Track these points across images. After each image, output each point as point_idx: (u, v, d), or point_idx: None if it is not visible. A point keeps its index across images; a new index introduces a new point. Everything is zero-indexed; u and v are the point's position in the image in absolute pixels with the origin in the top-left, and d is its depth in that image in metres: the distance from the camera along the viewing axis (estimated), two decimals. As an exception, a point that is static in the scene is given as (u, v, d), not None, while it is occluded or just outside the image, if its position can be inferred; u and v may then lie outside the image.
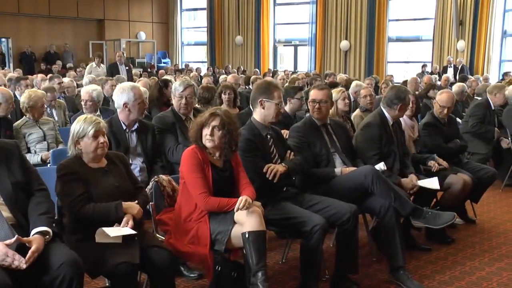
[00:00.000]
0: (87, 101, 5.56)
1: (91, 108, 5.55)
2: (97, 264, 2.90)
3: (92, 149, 3.18)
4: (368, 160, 4.32)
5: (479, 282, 3.99)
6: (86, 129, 3.17)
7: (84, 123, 3.20)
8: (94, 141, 3.17)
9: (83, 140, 3.18)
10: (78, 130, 3.19)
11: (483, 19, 16.37)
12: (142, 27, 23.13)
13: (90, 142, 3.17)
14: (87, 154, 3.20)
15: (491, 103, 6.88)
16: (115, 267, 2.81)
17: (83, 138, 3.17)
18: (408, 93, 4.67)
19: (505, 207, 6.08)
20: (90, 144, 3.17)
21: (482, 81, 11.36)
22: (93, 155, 3.20)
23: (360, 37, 19.02)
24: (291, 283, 3.88)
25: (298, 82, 9.43)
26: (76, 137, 3.19)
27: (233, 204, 3.24)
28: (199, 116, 3.48)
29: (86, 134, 3.17)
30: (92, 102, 5.55)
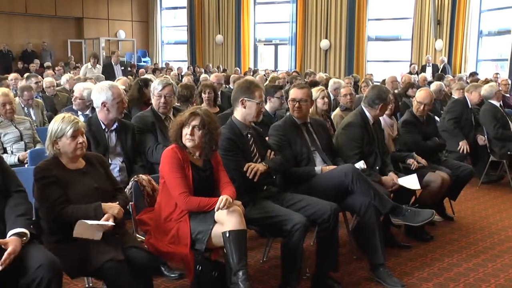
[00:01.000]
0: (77, 98, 5.51)
1: (80, 106, 5.51)
2: (80, 264, 2.88)
3: (71, 149, 3.14)
4: (350, 159, 4.34)
5: (457, 278, 4.04)
6: (64, 128, 3.13)
7: (62, 122, 3.16)
8: (73, 141, 3.14)
9: (61, 140, 3.14)
10: (56, 130, 3.15)
11: (460, 19, 16.58)
12: (122, 26, 22.95)
13: (69, 142, 3.13)
14: (65, 154, 3.17)
15: (468, 101, 6.97)
16: (102, 266, 2.79)
17: (61, 138, 3.14)
18: (389, 93, 4.71)
19: (482, 204, 6.17)
20: (69, 144, 3.13)
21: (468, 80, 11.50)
22: (72, 155, 3.17)
23: (340, 36, 19.12)
24: (272, 282, 3.88)
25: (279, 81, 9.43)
26: (54, 137, 3.15)
27: (213, 203, 3.24)
28: (179, 116, 3.46)
29: (64, 134, 3.13)
30: (82, 100, 5.49)
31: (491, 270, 4.20)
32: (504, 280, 4.00)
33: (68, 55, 20.45)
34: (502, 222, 5.45)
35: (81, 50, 21.75)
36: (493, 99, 7.05)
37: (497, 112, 6.91)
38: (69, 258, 2.86)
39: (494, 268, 4.23)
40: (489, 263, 4.33)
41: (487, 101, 7.07)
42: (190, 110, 3.45)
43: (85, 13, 21.71)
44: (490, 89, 7.12)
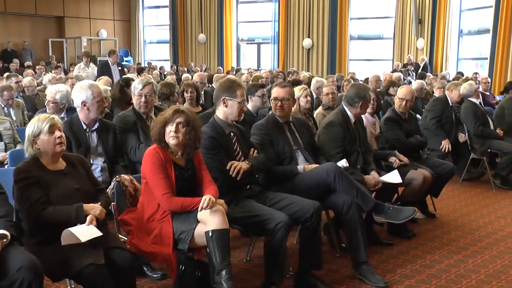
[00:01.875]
0: (50, 102, 5.35)
1: (54, 109, 5.33)
2: (60, 267, 2.85)
3: (50, 145, 3.11)
4: (332, 158, 4.35)
5: (439, 274, 4.08)
6: (40, 126, 3.11)
7: (38, 121, 3.14)
8: (51, 136, 3.11)
9: (40, 138, 3.11)
10: (33, 130, 3.12)
11: (441, 18, 16.73)
12: (104, 25, 22.78)
13: (47, 138, 3.10)
14: (46, 153, 3.13)
15: (449, 99, 7.04)
16: (81, 270, 2.76)
17: (39, 136, 3.11)
18: (368, 91, 4.73)
19: (463, 201, 6.24)
20: (48, 140, 3.11)
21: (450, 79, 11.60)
22: (52, 152, 3.14)
23: (322, 35, 19.20)
24: (256, 281, 3.88)
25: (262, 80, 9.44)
26: (32, 137, 3.11)
27: (196, 203, 3.24)
28: (161, 114, 3.44)
29: (41, 130, 3.10)
30: (55, 104, 5.30)
31: (472, 266, 4.25)
32: (484, 276, 4.05)
33: (49, 54, 20.23)
34: (482, 219, 5.51)
35: (62, 49, 21.53)
36: (473, 97, 7.14)
37: (477, 110, 6.99)
38: (50, 260, 2.83)
39: (475, 264, 4.28)
40: (470, 259, 4.38)
41: (467, 99, 7.14)
42: (173, 108, 3.43)
43: (66, 12, 21.49)
44: (470, 87, 7.20)
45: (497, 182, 6.84)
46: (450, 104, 7.02)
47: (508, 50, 14.85)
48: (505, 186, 6.79)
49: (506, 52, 14.87)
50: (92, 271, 2.77)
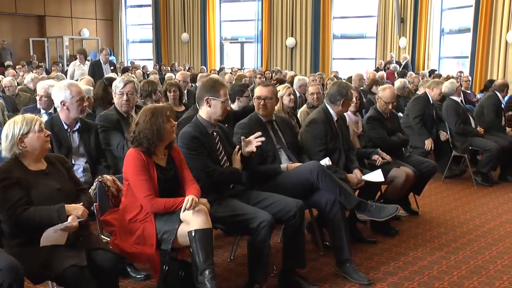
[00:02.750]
0: (43, 97, 5.27)
1: (45, 104, 5.26)
2: (42, 269, 2.82)
3: (40, 142, 3.10)
4: (314, 156, 4.37)
5: (421, 271, 4.11)
6: (30, 124, 3.08)
7: (25, 120, 3.10)
8: (41, 133, 3.10)
9: (28, 136, 3.07)
10: (21, 128, 3.08)
11: (423, 17, 16.87)
12: (86, 24, 22.59)
13: (38, 135, 3.08)
14: (32, 151, 3.10)
15: (429, 98, 7.10)
16: (63, 272, 2.74)
17: (27, 134, 3.07)
18: (349, 88, 4.75)
19: (445, 198, 6.30)
20: (38, 138, 3.09)
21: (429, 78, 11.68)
22: (39, 150, 3.12)
23: (305, 34, 19.25)
24: (239, 280, 3.88)
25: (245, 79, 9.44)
26: (20, 135, 3.07)
27: (179, 203, 3.23)
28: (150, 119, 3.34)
29: (31, 129, 3.07)
30: (48, 98, 5.23)
31: (454, 262, 4.29)
32: (465, 272, 4.09)
33: (30, 54, 20.01)
34: (464, 216, 5.57)
35: (43, 49, 21.32)
36: (454, 95, 7.21)
37: (458, 108, 7.06)
38: (31, 262, 2.80)
39: (457, 260, 4.32)
40: (452, 256, 4.42)
41: (448, 97, 7.21)
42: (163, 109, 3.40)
43: (47, 11, 21.26)
44: (451, 86, 7.27)
45: (478, 179, 6.91)
46: (431, 102, 7.08)
47: (488, 49, 15.05)
48: (486, 183, 6.87)
49: (486, 51, 15.06)
50: (74, 272, 2.75)
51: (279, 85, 5.99)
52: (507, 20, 14.54)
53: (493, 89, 7.74)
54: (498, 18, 14.71)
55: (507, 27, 14.56)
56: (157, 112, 3.33)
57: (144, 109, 3.40)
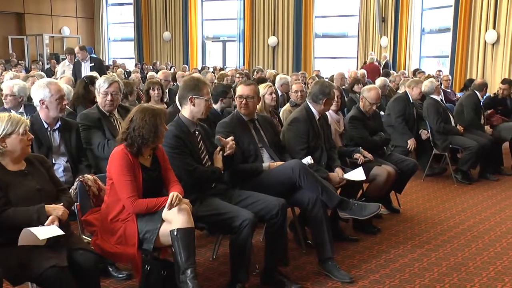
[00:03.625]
0: (8, 95, 5.20)
1: (12, 103, 5.19)
2: (21, 270, 2.78)
3: (22, 145, 3.06)
4: (296, 155, 4.38)
5: (402, 268, 4.15)
6: (15, 126, 3.04)
7: (10, 120, 3.06)
8: (24, 136, 3.06)
9: (11, 137, 3.03)
10: (5, 128, 3.03)
11: (404, 16, 17.01)
12: (66, 22, 22.33)
13: (21, 138, 3.05)
14: (12, 152, 3.06)
15: (409, 97, 7.14)
16: (43, 272, 2.70)
17: (10, 135, 3.03)
18: (332, 87, 4.77)
19: (426, 196, 6.36)
20: (21, 140, 3.05)
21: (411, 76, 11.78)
22: (20, 153, 3.08)
23: (287, 33, 19.29)
24: (222, 279, 3.88)
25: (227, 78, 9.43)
26: (2, 135, 3.03)
27: (161, 203, 3.23)
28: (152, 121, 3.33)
29: (15, 130, 3.03)
30: (13, 97, 5.17)
31: (434, 259, 4.34)
32: (446, 269, 4.14)
33: (9, 52, 19.74)
34: (444, 213, 5.63)
35: (23, 47, 21.05)
36: (434, 94, 7.27)
37: (439, 107, 7.13)
38: (10, 263, 2.76)
39: (437, 257, 4.37)
40: (432, 253, 4.47)
41: (429, 96, 7.27)
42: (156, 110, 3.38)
43: (26, 8, 20.96)
44: (431, 85, 7.34)
45: (458, 177, 6.99)
46: (411, 101, 7.13)
47: (467, 48, 15.24)
48: (466, 181, 6.95)
49: (465, 50, 15.25)
50: (55, 273, 2.71)
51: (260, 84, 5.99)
52: (485, 20, 14.74)
53: (472, 88, 7.84)
54: (477, 18, 14.91)
55: (486, 27, 14.76)
56: (157, 113, 3.34)
57: (143, 108, 3.38)
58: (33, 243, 2.85)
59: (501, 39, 14.53)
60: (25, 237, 2.86)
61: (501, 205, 5.97)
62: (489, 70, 14.90)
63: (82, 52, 9.87)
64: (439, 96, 7.36)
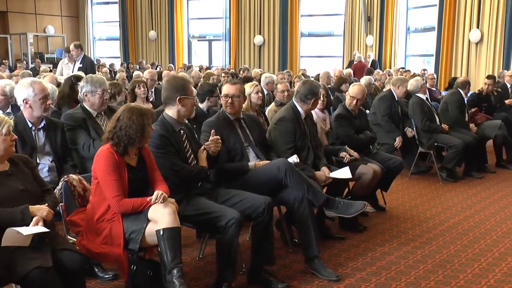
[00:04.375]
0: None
1: (2, 103, 5.16)
2: (5, 271, 2.75)
3: (5, 146, 3.04)
4: (283, 154, 4.39)
5: (388, 266, 4.17)
6: None
7: None
8: (7, 137, 3.04)
9: None
10: None
11: (389, 15, 17.11)
12: (51, 21, 22.15)
13: (4, 139, 3.03)
14: None
15: (395, 95, 7.18)
16: (28, 274, 2.67)
17: None
18: (320, 87, 4.80)
19: (412, 194, 6.40)
20: (4, 141, 3.03)
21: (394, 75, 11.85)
22: (3, 153, 3.06)
23: (273, 32, 19.31)
24: (208, 278, 3.87)
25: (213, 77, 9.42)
26: None
27: (147, 203, 3.22)
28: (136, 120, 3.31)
29: None
30: (4, 97, 5.12)
31: (420, 256, 4.36)
32: (431, 266, 4.17)
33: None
34: (430, 211, 5.67)
35: (6, 46, 20.83)
36: (420, 93, 7.31)
37: (424, 105, 7.17)
38: (-5, 264, 2.73)
39: (423, 255, 4.40)
40: (418, 250, 4.50)
41: (414, 95, 7.32)
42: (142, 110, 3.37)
43: (9, 6, 20.75)
44: (416, 83, 7.37)
45: (443, 175, 7.04)
46: (396, 100, 7.17)
47: (452, 47, 15.38)
48: (451, 179, 7.00)
49: (450, 49, 15.39)
50: (39, 274, 2.69)
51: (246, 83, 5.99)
52: (469, 19, 14.89)
53: (456, 87, 7.89)
54: (461, 17, 15.06)
55: (470, 26, 14.91)
56: (144, 113, 3.33)
57: (130, 108, 3.36)
58: (18, 243, 2.82)
59: (485, 38, 14.69)
60: (9, 238, 2.83)
61: (485, 202, 6.03)
62: (473, 69, 15.05)
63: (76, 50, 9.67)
64: (424, 94, 7.40)
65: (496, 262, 4.26)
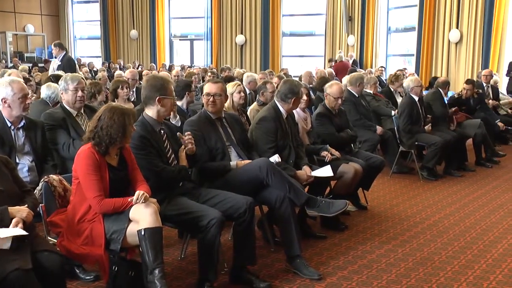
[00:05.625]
0: None
1: None
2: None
3: None
4: (264, 153, 4.39)
5: (370, 264, 4.20)
6: None
7: None
8: None
9: None
10: None
11: (370, 15, 17.24)
12: (30, 20, 21.89)
13: None
14: None
15: (353, 93, 7.17)
16: (6, 276, 2.63)
17: None
18: (300, 87, 4.81)
19: (393, 192, 6.45)
20: None
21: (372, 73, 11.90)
22: None
23: (255, 31, 19.33)
24: (191, 278, 3.86)
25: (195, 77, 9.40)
26: None
27: (129, 202, 3.20)
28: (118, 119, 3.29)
29: None
30: None
31: (401, 255, 4.40)
32: (412, 264, 4.21)
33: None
34: (411, 209, 5.72)
35: (-14, 44, 20.59)
36: (412, 93, 7.27)
37: (414, 107, 7.09)
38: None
39: (404, 253, 4.44)
40: (399, 248, 4.53)
41: (409, 94, 7.28)
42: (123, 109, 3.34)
43: (-13, 5, 20.52)
44: (410, 82, 7.33)
45: (424, 173, 7.10)
46: (357, 96, 7.16)
47: (432, 47, 15.55)
48: (432, 177, 7.06)
49: (430, 49, 15.57)
50: (18, 276, 2.65)
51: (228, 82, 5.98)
52: (449, 19, 15.08)
53: (436, 86, 7.97)
54: (441, 17, 15.24)
55: (450, 27, 15.09)
56: (125, 113, 3.31)
57: (112, 107, 3.34)
58: None
59: (464, 38, 14.89)
60: None
61: (465, 200, 6.10)
62: (453, 69, 15.24)
63: (55, 49, 9.66)
64: (417, 96, 7.33)
65: (475, 259, 4.31)
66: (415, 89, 7.23)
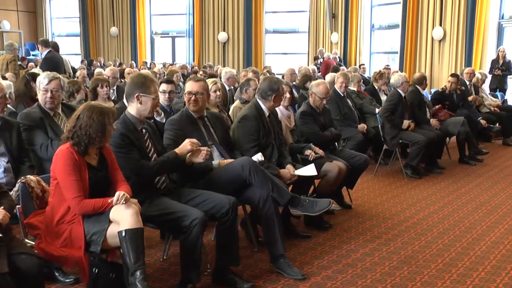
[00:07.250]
0: None
1: None
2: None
3: None
4: (247, 152, 4.34)
5: (354, 263, 4.17)
6: None
7: None
8: None
9: None
10: None
11: (354, 13, 17.26)
12: (6, 16, 21.45)
13: None
14: None
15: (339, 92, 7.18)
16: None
17: None
18: (281, 84, 4.76)
19: (377, 191, 6.44)
20: None
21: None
22: None
23: (238, 29, 19.26)
24: (173, 280, 3.80)
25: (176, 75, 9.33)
26: None
27: (108, 203, 3.14)
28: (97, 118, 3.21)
29: None
30: None
31: (385, 253, 4.38)
32: (396, 262, 4.19)
33: None
34: (395, 208, 5.71)
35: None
36: (399, 88, 7.26)
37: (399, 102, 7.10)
38: None
39: (388, 252, 4.42)
40: (384, 247, 4.51)
41: (395, 89, 7.28)
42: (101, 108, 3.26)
43: (-40, 1, 20.09)
44: (398, 78, 7.27)
45: (408, 172, 7.11)
46: (342, 95, 7.16)
47: (415, 45, 15.63)
48: (415, 176, 7.07)
49: (414, 46, 15.65)
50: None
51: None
52: (432, 17, 15.17)
53: (413, 83, 7.89)
54: (425, 15, 15.32)
55: (433, 24, 15.18)
56: (105, 112, 3.24)
57: (90, 106, 3.26)
58: None
59: (447, 36, 14.99)
60: None
61: (449, 198, 6.11)
62: (437, 66, 15.34)
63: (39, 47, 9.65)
64: (404, 92, 7.31)
65: (458, 257, 4.31)
66: (404, 84, 7.24)
